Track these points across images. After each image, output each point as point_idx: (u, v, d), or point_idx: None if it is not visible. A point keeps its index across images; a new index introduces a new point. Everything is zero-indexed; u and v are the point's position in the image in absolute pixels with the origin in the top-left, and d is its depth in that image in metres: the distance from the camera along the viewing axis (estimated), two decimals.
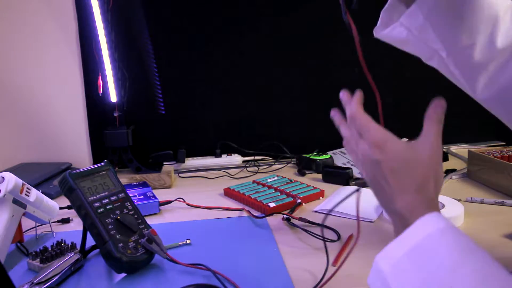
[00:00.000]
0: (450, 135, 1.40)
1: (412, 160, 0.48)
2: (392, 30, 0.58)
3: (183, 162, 1.28)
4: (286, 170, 1.27)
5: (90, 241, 0.69)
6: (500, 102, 0.57)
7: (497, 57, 0.54)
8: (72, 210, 0.87)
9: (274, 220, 0.87)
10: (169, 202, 0.96)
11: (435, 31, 0.54)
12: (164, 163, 1.26)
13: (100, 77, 1.17)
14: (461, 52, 0.55)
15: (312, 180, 1.16)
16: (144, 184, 1.07)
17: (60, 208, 0.87)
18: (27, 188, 0.75)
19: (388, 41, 0.60)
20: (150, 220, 0.79)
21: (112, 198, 0.71)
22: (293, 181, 1.08)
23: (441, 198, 0.88)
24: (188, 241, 0.77)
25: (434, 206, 0.46)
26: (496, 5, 0.52)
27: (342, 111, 0.61)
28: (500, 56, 0.54)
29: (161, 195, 1.00)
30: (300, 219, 0.83)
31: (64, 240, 0.75)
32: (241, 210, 0.92)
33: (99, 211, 0.67)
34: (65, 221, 0.90)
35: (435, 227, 0.43)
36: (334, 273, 0.63)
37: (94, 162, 1.28)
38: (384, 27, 0.60)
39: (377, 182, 0.50)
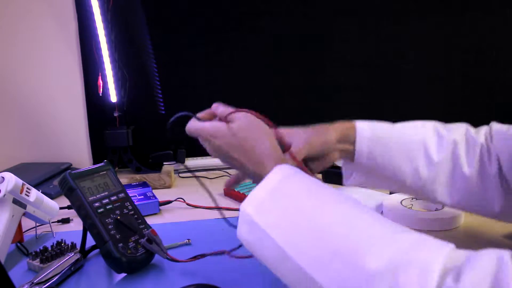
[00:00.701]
0: None
1: (237, 137, 0.59)
2: (353, 180, 0.72)
3: (183, 162, 1.28)
4: None
5: (90, 241, 0.69)
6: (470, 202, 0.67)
7: (426, 183, 0.65)
8: (72, 210, 0.87)
9: None
10: (169, 202, 0.96)
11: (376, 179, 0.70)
12: (164, 163, 1.26)
13: (100, 77, 1.17)
14: (403, 186, 0.68)
15: None
16: (144, 184, 1.07)
17: (60, 208, 0.87)
18: (27, 188, 0.75)
19: (355, 185, 0.73)
20: (150, 220, 0.79)
21: (112, 198, 0.71)
22: None
23: None
24: (188, 241, 0.77)
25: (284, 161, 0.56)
26: (411, 144, 0.66)
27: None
28: (429, 183, 0.65)
29: (161, 195, 1.00)
30: None
31: (64, 240, 0.75)
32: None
33: (99, 211, 0.67)
34: (65, 221, 0.90)
35: (289, 171, 0.52)
36: None
37: (94, 162, 1.28)
38: (347, 179, 0.73)
39: (228, 161, 0.60)
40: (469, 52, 1.41)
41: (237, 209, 0.91)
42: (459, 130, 0.67)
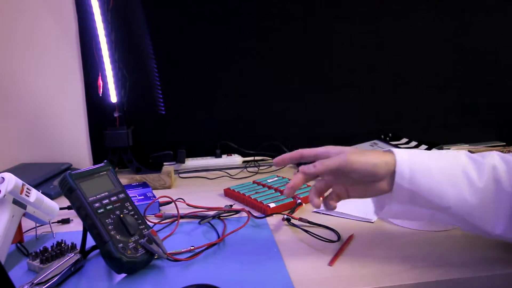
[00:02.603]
0: (450, 135, 1.40)
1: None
2: (387, 212, 0.68)
3: (183, 162, 1.28)
4: (286, 171, 1.27)
5: (90, 242, 0.69)
6: None
7: (474, 208, 0.63)
8: (72, 211, 0.87)
9: (274, 221, 0.87)
10: (169, 202, 0.96)
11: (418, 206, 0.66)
12: (164, 163, 1.26)
13: (100, 78, 1.17)
14: (446, 212, 0.65)
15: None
16: (144, 185, 1.07)
17: (60, 208, 0.87)
18: (27, 188, 0.75)
19: (389, 217, 0.73)
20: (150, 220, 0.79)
21: (112, 199, 0.71)
22: None
23: None
24: (192, 248, 0.75)
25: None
26: (451, 169, 0.64)
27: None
28: (477, 208, 0.63)
29: (161, 195, 1.00)
30: (300, 219, 0.83)
31: (64, 241, 0.75)
32: (240, 210, 0.92)
33: (99, 211, 0.67)
34: (65, 221, 0.90)
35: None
36: None
37: (94, 163, 1.28)
38: (380, 210, 0.70)
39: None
40: (469, 53, 1.41)
41: (237, 210, 0.91)
42: (493, 155, 0.65)
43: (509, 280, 0.65)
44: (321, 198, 0.68)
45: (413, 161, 0.64)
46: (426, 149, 1.22)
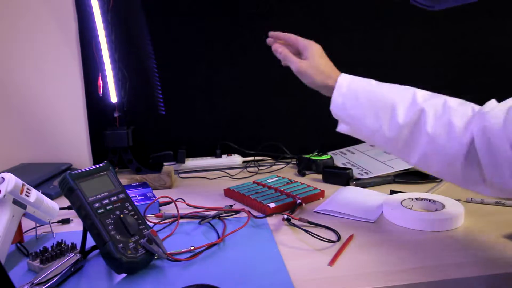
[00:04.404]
0: None
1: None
2: (341, 127, 0.82)
3: (183, 162, 1.28)
4: (286, 171, 1.27)
5: (90, 242, 0.69)
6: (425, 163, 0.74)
7: (403, 131, 0.72)
8: (72, 211, 0.87)
9: (274, 221, 0.87)
10: (169, 202, 0.96)
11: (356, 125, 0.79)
12: (164, 163, 1.26)
13: (100, 78, 1.17)
14: (376, 133, 0.76)
15: (312, 180, 1.16)
16: (144, 185, 1.07)
17: (60, 208, 0.87)
18: (27, 188, 0.75)
19: (344, 132, 0.83)
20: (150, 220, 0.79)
21: (112, 199, 0.71)
22: (293, 181, 1.08)
23: (442, 199, 0.88)
24: (192, 248, 0.75)
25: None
26: (390, 96, 0.75)
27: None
28: (405, 130, 0.72)
29: (161, 195, 1.00)
30: (300, 219, 0.83)
31: (64, 241, 0.75)
32: (240, 211, 0.92)
33: (99, 211, 0.67)
34: (65, 221, 0.90)
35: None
36: None
37: (94, 163, 1.28)
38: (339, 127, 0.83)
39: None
40: (469, 53, 1.41)
41: (237, 210, 0.91)
42: (438, 100, 0.72)
43: (507, 280, 0.65)
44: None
45: (350, 89, 0.78)
46: None
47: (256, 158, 1.33)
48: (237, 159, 1.32)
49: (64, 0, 1.17)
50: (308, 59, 0.82)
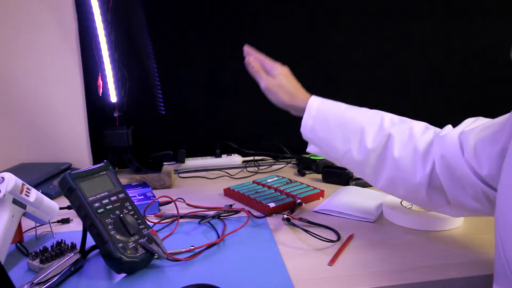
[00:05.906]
0: None
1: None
2: (311, 149, 0.84)
3: (183, 162, 1.28)
4: (286, 170, 1.27)
5: (90, 241, 0.69)
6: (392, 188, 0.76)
7: (371, 155, 0.74)
8: (72, 211, 0.87)
9: (274, 220, 0.87)
10: (169, 202, 0.96)
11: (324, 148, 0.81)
12: (164, 163, 1.26)
13: (100, 77, 1.17)
14: (344, 156, 0.77)
15: (312, 180, 1.16)
16: (144, 184, 1.07)
17: (60, 208, 0.87)
18: (27, 188, 0.75)
19: (314, 153, 0.84)
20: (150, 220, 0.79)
21: (112, 198, 0.71)
22: (293, 181, 1.09)
23: None
24: (192, 248, 0.75)
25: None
26: (359, 120, 0.76)
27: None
28: (373, 154, 0.74)
29: (161, 195, 1.00)
30: (300, 219, 0.83)
31: (64, 241, 0.75)
32: (240, 210, 0.92)
33: (99, 211, 0.67)
34: (65, 221, 0.90)
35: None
36: None
37: (94, 163, 1.28)
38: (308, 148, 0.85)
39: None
40: (469, 54, 1.41)
41: (237, 210, 0.91)
42: (408, 125, 0.74)
43: None
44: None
45: (320, 111, 0.79)
46: None
47: (256, 158, 1.33)
48: (236, 159, 1.32)
49: (64, 0, 1.17)
50: (275, 78, 0.84)
